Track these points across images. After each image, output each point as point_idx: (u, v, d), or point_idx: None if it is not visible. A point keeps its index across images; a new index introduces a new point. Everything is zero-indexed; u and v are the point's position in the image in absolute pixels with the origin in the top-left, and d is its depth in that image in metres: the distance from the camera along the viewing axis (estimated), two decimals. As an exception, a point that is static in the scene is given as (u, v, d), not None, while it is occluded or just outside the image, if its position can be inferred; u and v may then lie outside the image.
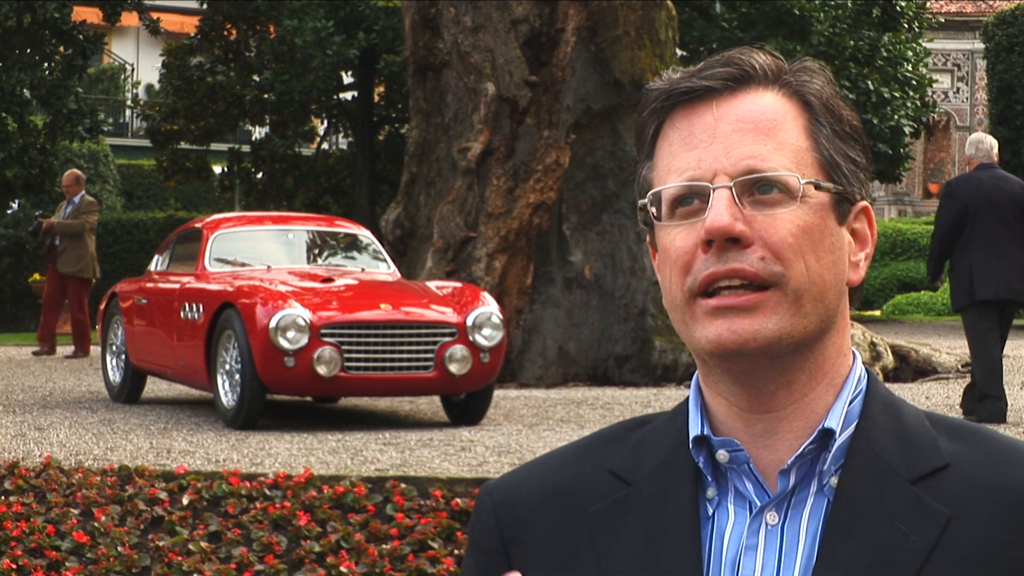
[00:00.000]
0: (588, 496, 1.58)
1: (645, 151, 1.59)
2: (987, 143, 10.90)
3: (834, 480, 1.51)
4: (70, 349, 18.16)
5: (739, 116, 1.52)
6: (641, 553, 1.53)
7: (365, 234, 12.61)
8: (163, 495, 7.67)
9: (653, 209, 1.55)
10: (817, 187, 1.52)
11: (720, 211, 1.49)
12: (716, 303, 1.49)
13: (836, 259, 1.53)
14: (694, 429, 1.55)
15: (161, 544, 7.24)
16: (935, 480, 1.51)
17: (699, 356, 1.54)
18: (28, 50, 23.60)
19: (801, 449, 1.51)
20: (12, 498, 7.74)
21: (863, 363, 1.59)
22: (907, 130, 25.71)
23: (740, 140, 1.51)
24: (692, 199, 1.52)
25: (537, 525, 1.59)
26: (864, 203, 1.57)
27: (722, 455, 1.53)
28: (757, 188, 1.50)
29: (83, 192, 18.30)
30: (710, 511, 1.54)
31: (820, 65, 1.59)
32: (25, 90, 23.29)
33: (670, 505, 1.54)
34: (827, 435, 1.52)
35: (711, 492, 1.54)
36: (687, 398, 1.60)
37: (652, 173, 1.57)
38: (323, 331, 10.34)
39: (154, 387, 13.62)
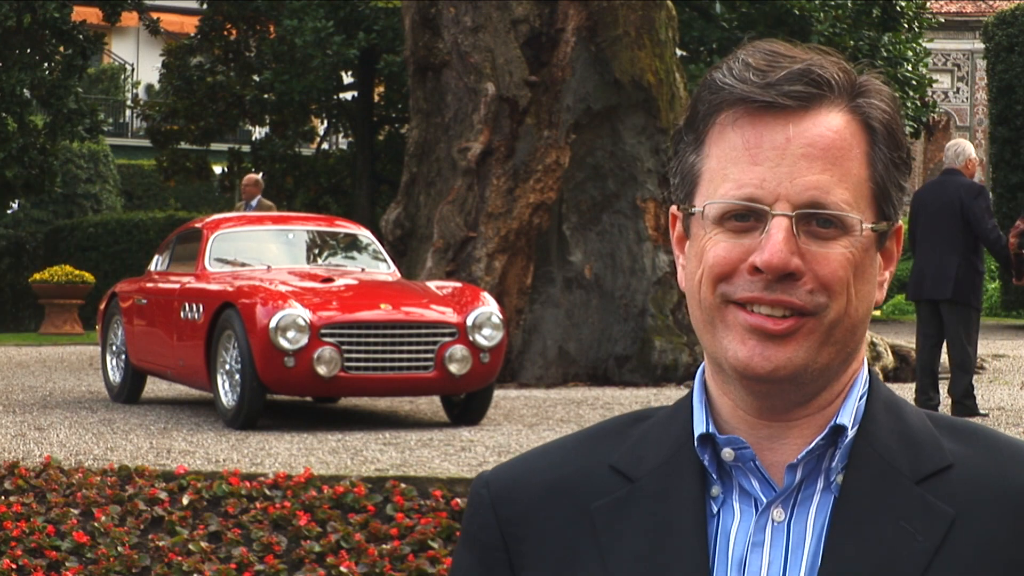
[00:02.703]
0: (589, 492, 1.57)
1: (696, 132, 1.55)
2: (952, 150, 11.28)
3: (840, 478, 1.51)
4: (70, 349, 18.15)
5: (809, 140, 1.50)
6: (646, 550, 1.52)
7: (365, 234, 12.61)
8: (163, 495, 7.66)
9: (701, 210, 1.53)
10: (873, 230, 1.52)
11: (778, 246, 1.47)
12: (755, 322, 1.49)
13: (871, 288, 1.54)
14: (699, 427, 1.55)
15: (161, 544, 7.24)
16: (939, 480, 1.51)
17: (716, 362, 1.54)
18: (28, 50, 23.61)
19: (812, 444, 1.51)
20: (12, 498, 7.74)
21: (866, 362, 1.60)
22: (907, 130, 25.66)
23: (807, 167, 1.50)
24: (747, 216, 1.50)
25: (537, 521, 1.58)
26: (899, 224, 1.58)
27: (727, 453, 1.53)
28: (816, 221, 1.49)
29: (260, 195, 18.37)
30: (715, 509, 1.53)
31: (888, 87, 1.58)
32: (25, 90, 23.30)
33: (675, 503, 1.53)
34: (838, 431, 1.52)
35: (716, 490, 1.53)
36: (690, 393, 1.59)
37: (703, 165, 1.54)
38: (323, 331, 10.34)
39: (154, 387, 13.62)
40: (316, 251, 12.41)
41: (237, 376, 10.49)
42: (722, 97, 1.53)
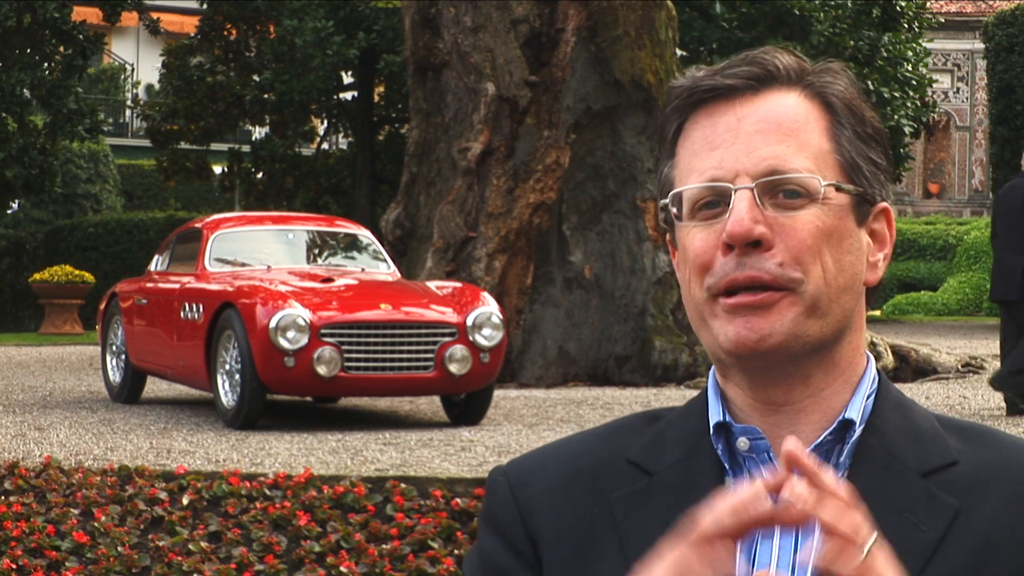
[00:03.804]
0: (609, 482, 1.58)
1: (667, 149, 1.59)
2: None
3: (846, 474, 1.52)
4: (70, 349, 18.15)
5: (761, 116, 1.53)
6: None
7: (365, 234, 12.61)
8: (163, 495, 7.66)
9: (674, 209, 1.56)
10: (838, 189, 1.52)
11: (741, 214, 1.49)
12: (734, 301, 1.50)
13: (854, 260, 1.54)
14: (715, 416, 1.56)
15: (161, 544, 7.24)
16: (944, 474, 1.53)
17: (716, 356, 1.55)
18: (28, 50, 23.61)
19: (820, 438, 1.52)
20: (12, 498, 7.74)
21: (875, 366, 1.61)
22: (907, 130, 25.72)
23: (762, 141, 1.52)
24: (714, 200, 1.52)
25: (556, 505, 1.59)
26: (884, 204, 1.58)
27: (743, 443, 1.54)
28: (779, 190, 1.50)
29: None
30: None
31: (843, 67, 1.59)
32: (25, 90, 23.30)
33: (695, 494, 1.54)
34: (846, 426, 1.53)
35: (728, 481, 1.55)
36: (703, 391, 1.60)
37: (674, 172, 1.58)
38: (323, 331, 10.34)
39: (154, 387, 13.61)
40: (316, 251, 12.41)
41: (237, 376, 10.49)
42: (675, 96, 1.57)
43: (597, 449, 1.62)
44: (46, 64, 23.99)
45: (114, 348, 13.00)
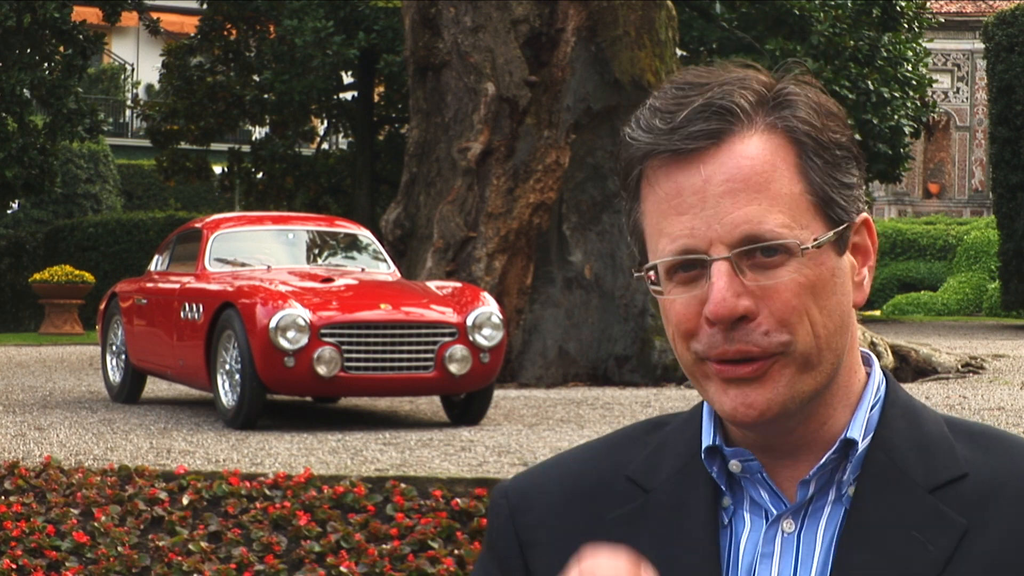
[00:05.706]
0: (606, 502, 1.57)
1: (630, 191, 1.53)
2: None
3: (852, 489, 1.50)
4: (70, 349, 18.14)
5: (728, 175, 1.45)
6: (660, 562, 1.51)
7: (365, 234, 12.61)
8: (163, 495, 7.66)
9: (651, 275, 1.50)
10: (818, 246, 1.46)
11: (722, 292, 1.44)
12: (727, 373, 1.47)
13: (840, 299, 1.49)
14: (706, 439, 1.54)
15: (161, 544, 7.24)
16: (952, 489, 1.49)
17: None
18: (28, 50, 23.62)
19: (823, 460, 1.50)
20: (12, 498, 7.74)
21: (880, 367, 1.57)
22: (907, 130, 25.72)
23: (732, 203, 1.45)
24: (692, 265, 1.47)
25: (554, 529, 1.58)
26: (863, 216, 1.52)
27: (735, 465, 1.52)
28: (759, 252, 1.45)
29: None
30: (725, 520, 1.53)
31: (805, 76, 1.52)
32: (25, 90, 23.30)
33: (688, 514, 1.53)
34: (849, 445, 1.50)
35: (726, 501, 1.53)
36: (702, 401, 1.57)
37: (642, 220, 1.52)
38: (323, 331, 10.34)
39: (154, 387, 13.61)
40: (316, 251, 12.41)
41: (237, 376, 10.49)
42: (633, 153, 1.50)
43: (598, 464, 1.61)
44: (46, 64, 24.00)
45: (114, 348, 13.00)
